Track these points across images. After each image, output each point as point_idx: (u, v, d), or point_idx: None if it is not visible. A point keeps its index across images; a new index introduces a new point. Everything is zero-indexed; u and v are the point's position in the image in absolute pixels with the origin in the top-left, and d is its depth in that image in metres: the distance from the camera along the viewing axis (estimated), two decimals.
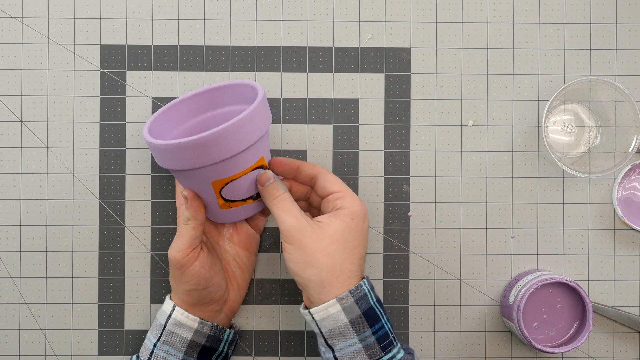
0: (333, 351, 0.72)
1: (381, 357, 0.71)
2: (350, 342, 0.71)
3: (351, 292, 0.71)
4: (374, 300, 0.73)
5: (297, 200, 0.79)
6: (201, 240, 0.78)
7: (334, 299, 0.71)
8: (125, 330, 0.84)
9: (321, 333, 0.72)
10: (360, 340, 0.71)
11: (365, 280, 0.73)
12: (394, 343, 0.73)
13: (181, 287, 0.76)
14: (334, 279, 0.71)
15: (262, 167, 0.75)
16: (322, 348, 0.73)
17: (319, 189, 0.77)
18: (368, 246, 0.84)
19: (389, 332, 0.73)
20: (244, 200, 0.76)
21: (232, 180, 0.74)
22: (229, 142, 0.71)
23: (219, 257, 0.80)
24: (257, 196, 0.76)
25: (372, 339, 0.71)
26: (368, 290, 0.73)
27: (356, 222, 0.74)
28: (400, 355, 0.72)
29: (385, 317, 0.73)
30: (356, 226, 0.74)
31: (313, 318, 0.72)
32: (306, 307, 0.75)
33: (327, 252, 0.71)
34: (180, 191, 0.76)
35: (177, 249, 0.75)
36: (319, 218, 0.74)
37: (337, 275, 0.72)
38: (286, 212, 0.73)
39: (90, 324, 0.84)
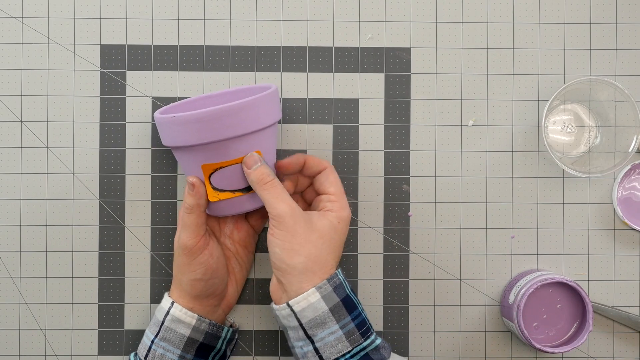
0: (313, 342, 0.73)
1: (361, 343, 0.73)
2: (331, 329, 0.72)
3: (328, 280, 0.73)
4: (349, 289, 0.75)
5: (291, 193, 0.80)
6: (209, 231, 0.79)
7: (313, 288, 0.72)
8: (125, 330, 0.84)
9: (301, 325, 0.73)
10: (341, 327, 0.72)
11: (339, 270, 0.75)
12: (372, 330, 0.75)
13: (187, 276, 0.77)
14: (317, 269, 0.73)
15: None
16: (300, 343, 0.73)
17: (317, 183, 0.79)
18: (368, 246, 0.84)
19: (366, 320, 0.74)
20: (233, 192, 0.76)
21: (221, 167, 0.74)
22: (222, 125, 0.72)
23: (223, 252, 0.81)
24: (246, 190, 0.76)
25: (352, 325, 0.73)
26: (343, 280, 0.75)
27: (341, 225, 0.76)
28: (378, 342, 0.74)
29: (360, 306, 0.75)
30: (341, 229, 0.76)
31: (292, 310, 0.72)
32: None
33: (315, 243, 0.73)
34: (186, 178, 0.77)
35: (188, 236, 0.76)
36: (309, 213, 0.76)
37: (320, 265, 0.73)
38: (279, 199, 0.74)
39: (90, 324, 0.84)
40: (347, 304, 0.73)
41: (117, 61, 0.84)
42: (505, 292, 0.84)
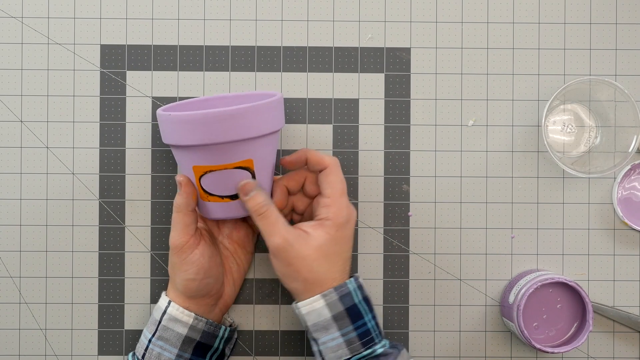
0: (317, 344, 0.75)
1: (361, 352, 0.74)
2: (332, 335, 0.74)
3: (335, 289, 0.74)
4: (360, 298, 0.75)
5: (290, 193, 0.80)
6: (202, 230, 0.79)
7: (319, 295, 0.74)
8: (125, 330, 0.84)
9: (307, 327, 0.75)
10: (342, 335, 0.74)
11: (352, 279, 0.76)
12: (376, 340, 0.75)
13: (180, 276, 0.77)
14: (317, 287, 0.75)
15: (247, 169, 0.75)
16: (311, 341, 0.76)
17: (319, 182, 0.78)
18: (368, 246, 0.84)
19: (372, 330, 0.75)
20: (221, 197, 0.76)
21: (211, 171, 0.74)
22: (215, 129, 0.72)
23: (218, 252, 0.81)
24: (234, 197, 0.76)
25: (354, 334, 0.74)
26: (354, 289, 0.75)
27: (341, 232, 0.76)
28: (379, 351, 0.75)
29: (370, 315, 0.76)
30: (340, 236, 0.76)
31: (299, 312, 0.75)
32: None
33: (310, 268, 0.74)
34: (176, 176, 0.77)
35: (176, 235, 0.76)
36: (305, 227, 0.76)
37: (319, 284, 0.75)
38: (272, 231, 0.75)
39: (90, 324, 0.84)
40: (352, 313, 0.74)
41: (117, 61, 0.84)
42: (505, 292, 0.84)
